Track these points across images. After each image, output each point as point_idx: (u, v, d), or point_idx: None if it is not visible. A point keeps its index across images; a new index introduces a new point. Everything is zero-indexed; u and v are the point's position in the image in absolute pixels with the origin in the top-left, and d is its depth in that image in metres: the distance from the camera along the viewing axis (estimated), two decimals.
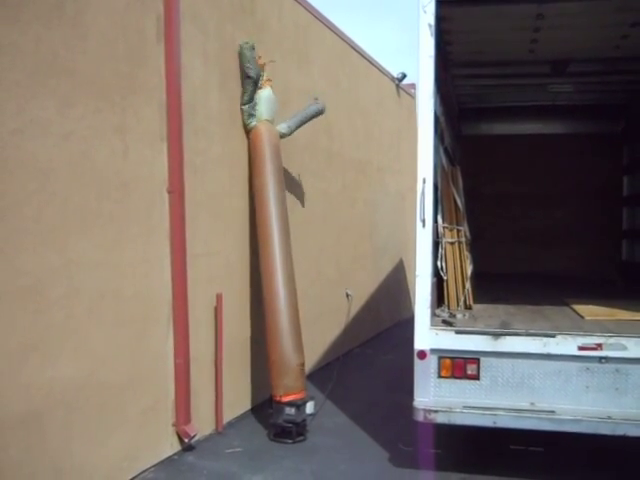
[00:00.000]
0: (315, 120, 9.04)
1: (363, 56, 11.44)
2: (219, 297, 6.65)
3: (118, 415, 5.36)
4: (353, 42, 10.84)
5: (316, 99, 8.27)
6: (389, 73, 13.09)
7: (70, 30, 4.81)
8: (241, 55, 7.18)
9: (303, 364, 6.81)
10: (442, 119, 6.97)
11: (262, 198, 7.09)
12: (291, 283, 6.99)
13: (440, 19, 5.86)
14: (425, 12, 5.50)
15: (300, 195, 8.78)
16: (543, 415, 5.29)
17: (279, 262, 6.91)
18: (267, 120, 7.38)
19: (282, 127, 7.71)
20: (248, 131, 7.34)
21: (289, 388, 6.58)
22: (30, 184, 4.49)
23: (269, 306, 6.87)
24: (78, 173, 4.91)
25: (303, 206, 8.87)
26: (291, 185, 8.27)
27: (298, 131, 8.06)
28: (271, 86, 7.42)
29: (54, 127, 4.68)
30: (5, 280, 4.30)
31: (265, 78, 7.34)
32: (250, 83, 7.18)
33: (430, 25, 5.50)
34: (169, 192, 5.94)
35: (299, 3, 8.76)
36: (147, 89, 5.71)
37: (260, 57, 7.27)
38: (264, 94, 7.35)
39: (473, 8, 6.09)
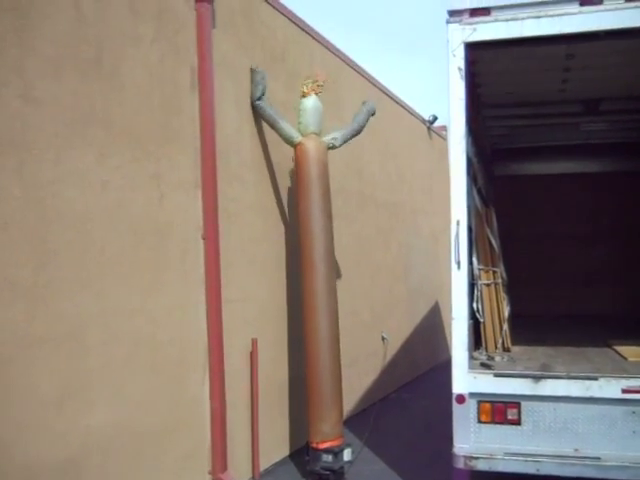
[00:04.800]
0: (347, 163, 9.07)
1: (393, 99, 11.53)
2: (254, 342, 6.63)
3: (155, 462, 5.33)
4: (383, 86, 10.93)
5: (364, 102, 7.79)
6: (420, 115, 13.18)
7: (107, 83, 4.95)
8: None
9: (341, 410, 6.72)
10: (474, 160, 6.95)
11: (306, 227, 6.73)
12: (334, 324, 6.77)
13: (470, 62, 5.87)
14: (454, 56, 5.52)
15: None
16: (588, 462, 5.12)
17: (321, 300, 6.67)
18: (314, 133, 6.82)
19: (331, 138, 7.03)
20: (294, 146, 6.84)
21: (326, 434, 6.49)
22: (68, 232, 4.57)
23: (309, 349, 6.73)
24: (115, 221, 4.99)
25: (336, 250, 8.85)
26: None
27: (330, 175, 8.11)
28: (317, 93, 6.83)
29: (91, 177, 4.78)
30: (45, 326, 4.35)
31: (310, 86, 6.79)
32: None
33: (460, 68, 5.53)
34: (204, 238, 5.99)
35: (329, 50, 8.90)
36: (182, 137, 5.81)
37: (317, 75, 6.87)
38: (309, 103, 6.77)
39: (502, 50, 6.05)
